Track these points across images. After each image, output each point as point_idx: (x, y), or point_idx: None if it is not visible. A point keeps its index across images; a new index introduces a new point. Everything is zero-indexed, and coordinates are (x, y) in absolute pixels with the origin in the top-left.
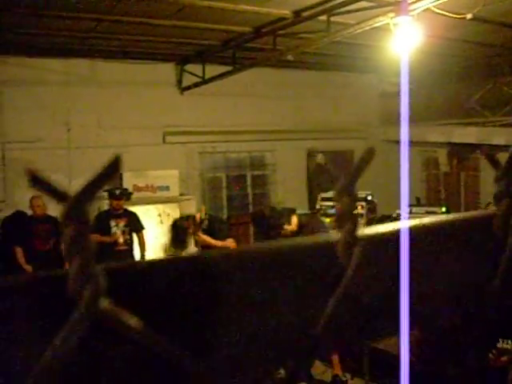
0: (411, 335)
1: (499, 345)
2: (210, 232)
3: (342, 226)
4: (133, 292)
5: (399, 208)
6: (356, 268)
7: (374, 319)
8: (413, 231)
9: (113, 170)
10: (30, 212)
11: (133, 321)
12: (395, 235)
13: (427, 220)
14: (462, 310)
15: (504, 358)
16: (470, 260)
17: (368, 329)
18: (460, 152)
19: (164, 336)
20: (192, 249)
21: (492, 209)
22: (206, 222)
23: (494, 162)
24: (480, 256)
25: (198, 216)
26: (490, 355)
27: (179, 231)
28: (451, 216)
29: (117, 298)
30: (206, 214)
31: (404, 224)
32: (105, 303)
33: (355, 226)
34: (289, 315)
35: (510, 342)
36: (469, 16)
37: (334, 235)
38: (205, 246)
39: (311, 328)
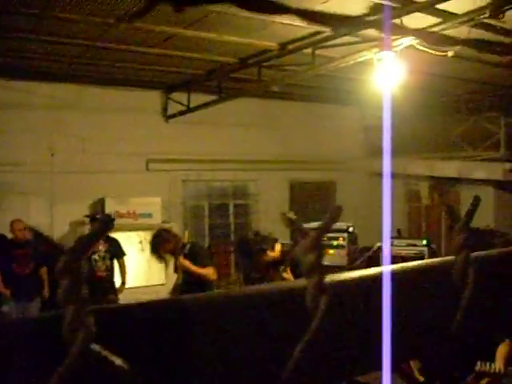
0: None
1: (478, 367)
2: (191, 257)
3: (310, 277)
4: (115, 335)
5: (380, 240)
6: (322, 317)
7: (343, 363)
8: (378, 279)
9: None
10: (10, 235)
11: (119, 362)
12: (363, 281)
13: (395, 267)
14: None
15: (483, 382)
16: (433, 307)
17: (337, 373)
18: (441, 185)
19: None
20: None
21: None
22: (188, 247)
23: (453, 215)
24: (442, 304)
25: (181, 239)
26: (468, 379)
27: (159, 241)
28: (415, 263)
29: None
30: (189, 239)
31: (377, 271)
32: (95, 347)
33: (322, 277)
34: (258, 361)
35: (488, 364)
36: (450, 53)
37: (305, 281)
38: (184, 271)
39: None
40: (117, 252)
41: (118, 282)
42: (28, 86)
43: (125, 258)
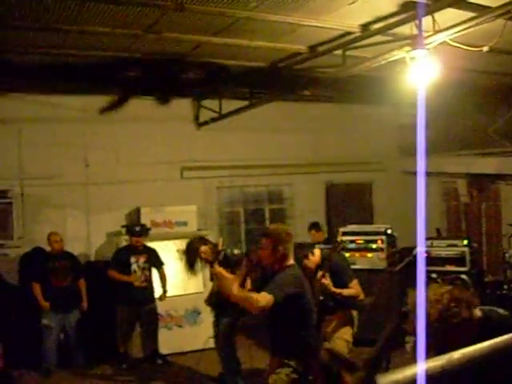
0: None
1: None
2: (225, 264)
3: None
4: None
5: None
6: None
7: None
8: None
9: (393, 341)
10: (48, 248)
11: None
12: None
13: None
14: None
15: None
16: None
17: None
18: (480, 182)
19: None
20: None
21: None
22: (222, 254)
23: None
24: None
25: (215, 246)
26: None
27: (190, 252)
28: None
29: None
30: (223, 246)
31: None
32: None
33: None
34: None
35: None
36: (485, 49)
37: None
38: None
39: None
40: (156, 262)
41: (158, 291)
42: (59, 99)
43: (164, 266)
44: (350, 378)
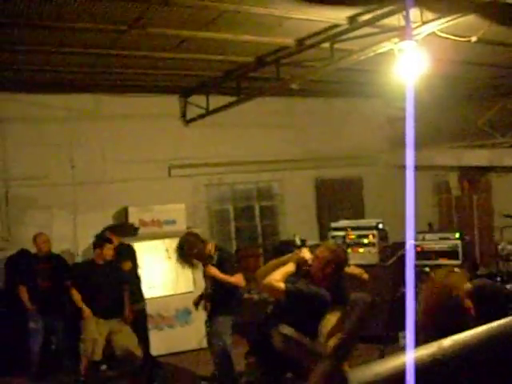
0: None
1: None
2: (219, 266)
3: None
4: None
5: (411, 235)
6: None
7: None
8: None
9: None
10: (33, 250)
11: None
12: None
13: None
14: None
15: None
16: None
17: None
18: (471, 175)
19: None
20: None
21: None
22: (215, 258)
23: None
24: None
25: (208, 247)
26: None
27: (185, 246)
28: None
29: None
30: (216, 249)
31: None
32: None
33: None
34: None
35: None
36: (473, 39)
37: None
38: (213, 280)
39: None
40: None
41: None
42: (44, 98)
43: (149, 266)
44: (314, 367)
